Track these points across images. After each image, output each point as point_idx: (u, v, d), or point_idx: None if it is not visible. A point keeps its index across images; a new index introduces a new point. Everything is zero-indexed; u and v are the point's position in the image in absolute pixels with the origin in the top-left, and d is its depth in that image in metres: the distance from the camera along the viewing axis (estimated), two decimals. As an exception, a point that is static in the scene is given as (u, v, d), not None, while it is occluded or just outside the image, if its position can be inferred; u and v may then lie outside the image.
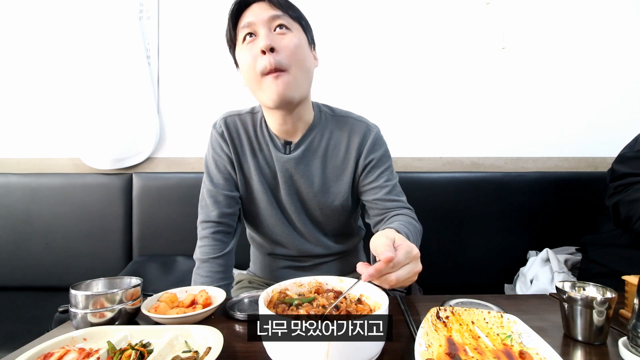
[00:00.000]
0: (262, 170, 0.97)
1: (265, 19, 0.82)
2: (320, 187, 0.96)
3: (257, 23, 0.82)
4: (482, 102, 1.69)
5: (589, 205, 1.53)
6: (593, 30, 1.66)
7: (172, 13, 1.70)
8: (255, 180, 0.97)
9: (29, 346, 0.60)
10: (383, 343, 0.54)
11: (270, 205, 0.98)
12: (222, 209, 0.97)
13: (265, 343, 0.54)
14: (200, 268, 0.95)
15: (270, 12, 0.82)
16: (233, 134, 0.97)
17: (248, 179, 0.98)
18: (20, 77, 1.72)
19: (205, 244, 0.96)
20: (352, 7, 1.67)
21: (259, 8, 0.83)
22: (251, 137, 0.97)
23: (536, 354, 0.52)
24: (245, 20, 0.83)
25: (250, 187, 0.99)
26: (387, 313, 0.53)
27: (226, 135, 0.96)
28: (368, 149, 0.95)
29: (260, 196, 0.98)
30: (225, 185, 0.98)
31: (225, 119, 0.98)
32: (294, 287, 0.67)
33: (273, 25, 0.83)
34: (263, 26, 0.82)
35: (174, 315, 0.68)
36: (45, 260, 1.63)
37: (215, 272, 0.94)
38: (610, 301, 0.60)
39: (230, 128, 0.97)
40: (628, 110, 1.68)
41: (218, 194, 0.97)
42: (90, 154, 1.67)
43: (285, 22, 0.84)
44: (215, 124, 1.00)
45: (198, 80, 1.71)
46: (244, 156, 0.97)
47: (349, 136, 0.96)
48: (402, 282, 0.59)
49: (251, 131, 0.97)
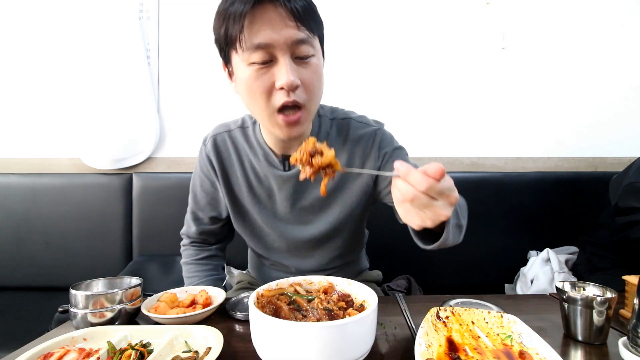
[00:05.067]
0: (254, 190, 0.91)
1: (289, 43, 0.67)
2: (326, 201, 0.89)
3: (277, 47, 0.67)
4: (482, 102, 1.69)
5: (589, 205, 1.53)
6: (593, 30, 1.66)
7: (172, 13, 1.70)
8: (247, 201, 0.91)
9: (29, 346, 0.60)
10: (372, 342, 0.54)
11: (267, 225, 0.92)
12: (202, 227, 0.98)
13: (255, 343, 0.54)
14: (186, 271, 1.00)
15: (294, 32, 0.67)
16: (223, 153, 0.91)
17: (239, 201, 0.92)
18: (21, 77, 1.72)
19: (187, 249, 1.02)
20: (352, 7, 1.67)
21: (278, 17, 0.66)
22: (242, 156, 0.90)
23: (536, 354, 0.52)
24: (262, 38, 0.66)
25: (243, 209, 0.93)
26: (375, 312, 0.53)
27: (213, 157, 0.90)
28: (376, 151, 0.87)
29: (255, 217, 0.92)
30: (207, 207, 0.96)
31: (215, 137, 0.91)
32: (304, 284, 0.69)
33: (296, 52, 0.69)
34: (285, 53, 0.68)
35: (174, 315, 0.68)
36: (45, 260, 1.63)
37: (200, 270, 0.99)
38: (610, 301, 0.60)
39: (220, 147, 0.91)
40: (628, 111, 1.68)
41: (200, 213, 0.97)
42: (90, 154, 1.67)
43: (310, 46, 0.70)
44: (205, 140, 0.93)
45: (198, 80, 1.71)
46: (234, 176, 0.91)
47: (353, 144, 0.88)
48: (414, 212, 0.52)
49: (242, 150, 0.90)
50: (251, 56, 0.68)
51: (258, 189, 0.91)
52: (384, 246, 1.37)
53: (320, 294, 0.65)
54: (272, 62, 0.69)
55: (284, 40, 0.67)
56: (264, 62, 0.68)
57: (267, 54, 0.68)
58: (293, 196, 0.89)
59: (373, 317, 0.53)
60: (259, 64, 0.68)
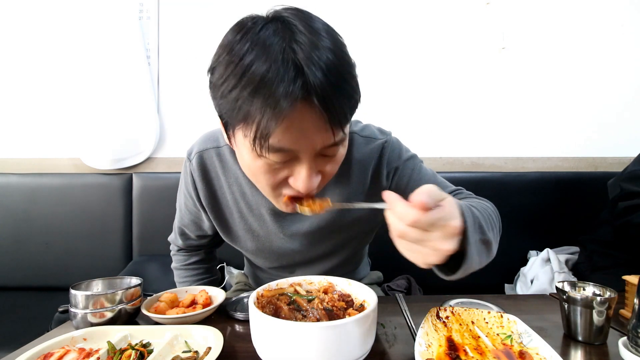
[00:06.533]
0: (245, 218, 0.82)
1: (317, 149, 0.55)
2: (330, 223, 0.81)
3: (302, 151, 0.55)
4: (482, 102, 1.69)
5: (589, 205, 1.53)
6: (593, 30, 1.66)
7: (172, 13, 1.70)
8: (239, 227, 0.83)
9: (29, 346, 0.60)
10: (372, 342, 0.54)
11: (262, 251, 0.86)
12: (189, 242, 0.97)
13: (255, 343, 0.54)
14: (177, 275, 1.01)
15: (327, 138, 0.54)
16: (210, 173, 0.81)
17: (230, 226, 0.85)
18: (21, 77, 1.72)
19: (175, 254, 1.02)
20: (352, 7, 1.67)
21: (313, 119, 0.51)
22: (230, 178, 0.80)
23: (536, 354, 0.52)
24: (287, 144, 0.53)
25: (235, 234, 0.85)
26: (375, 312, 0.53)
27: (198, 178, 0.80)
28: (386, 167, 0.79)
29: (248, 243, 0.85)
30: (192, 225, 0.91)
31: (201, 154, 0.80)
32: (304, 284, 0.69)
33: (322, 152, 0.57)
34: (310, 156, 0.55)
35: (174, 315, 0.68)
36: (45, 260, 1.63)
37: (190, 275, 0.99)
38: (610, 301, 0.60)
39: (207, 167, 0.81)
40: (628, 110, 1.68)
41: (185, 229, 0.94)
42: (90, 154, 1.67)
43: (340, 145, 0.59)
44: (189, 155, 0.82)
45: (198, 80, 1.71)
46: (224, 199, 0.82)
47: (359, 164, 0.78)
48: (412, 248, 0.46)
49: (232, 172, 0.80)
50: (268, 154, 0.54)
51: (249, 217, 0.82)
52: (384, 246, 1.36)
53: (320, 294, 0.65)
54: (293, 161, 0.57)
55: (313, 146, 0.54)
56: (282, 162, 0.56)
57: (288, 155, 0.55)
58: (288, 226, 0.81)
59: (373, 317, 0.53)
60: (274, 160, 0.55)
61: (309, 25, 0.52)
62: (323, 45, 0.51)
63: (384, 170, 0.79)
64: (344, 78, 0.53)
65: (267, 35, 0.51)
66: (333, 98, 0.51)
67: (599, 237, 1.27)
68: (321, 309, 0.58)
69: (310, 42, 0.50)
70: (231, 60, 0.52)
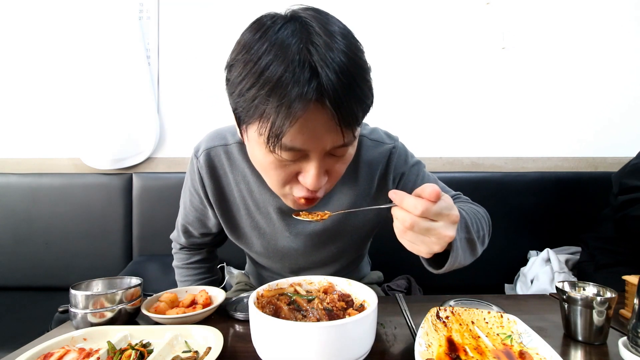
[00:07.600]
0: (252, 215, 0.83)
1: (327, 148, 0.57)
2: (332, 230, 0.83)
3: (312, 151, 0.56)
4: (482, 102, 1.69)
5: (589, 205, 1.53)
6: (593, 30, 1.66)
7: (172, 13, 1.70)
8: (246, 224, 0.84)
9: (29, 346, 0.60)
10: (372, 342, 0.54)
11: (268, 250, 0.87)
12: (192, 240, 0.96)
13: (255, 343, 0.54)
14: (178, 274, 1.01)
15: (337, 139, 0.56)
16: (218, 170, 0.81)
17: (238, 224, 0.85)
18: (21, 77, 1.72)
19: (177, 253, 1.01)
20: (352, 7, 1.67)
21: (324, 120, 0.53)
22: (238, 176, 0.81)
23: (536, 354, 0.52)
24: (299, 144, 0.54)
25: (241, 231, 0.86)
26: (375, 312, 0.53)
27: (206, 175, 0.80)
28: (392, 172, 0.81)
29: (254, 241, 0.86)
30: (196, 223, 0.90)
31: (209, 152, 0.80)
32: (304, 284, 0.69)
33: (332, 152, 0.59)
34: (319, 154, 0.57)
35: (174, 315, 0.68)
36: (45, 260, 1.63)
37: (191, 274, 0.99)
38: (610, 301, 0.60)
39: (215, 164, 0.81)
40: (628, 110, 1.68)
41: (189, 227, 0.93)
42: (90, 154, 1.67)
43: (350, 145, 0.60)
44: (197, 152, 0.81)
45: (198, 80, 1.71)
46: (231, 196, 0.83)
47: (367, 167, 0.80)
48: (417, 239, 0.51)
49: (240, 170, 0.80)
50: (280, 152, 0.56)
51: (256, 215, 0.83)
52: (384, 246, 1.37)
53: (320, 294, 0.65)
54: (303, 159, 0.59)
55: (323, 146, 0.56)
56: (292, 160, 0.58)
57: (299, 154, 0.57)
58: (294, 225, 0.83)
59: (373, 317, 0.53)
60: (286, 157, 0.57)
61: (325, 27, 0.53)
62: (337, 47, 0.52)
63: (391, 174, 0.81)
64: (356, 81, 0.53)
65: (286, 35, 0.52)
66: (344, 100, 0.52)
67: (601, 234, 1.27)
68: (321, 309, 0.58)
69: (325, 44, 0.51)
70: (250, 59, 0.53)
